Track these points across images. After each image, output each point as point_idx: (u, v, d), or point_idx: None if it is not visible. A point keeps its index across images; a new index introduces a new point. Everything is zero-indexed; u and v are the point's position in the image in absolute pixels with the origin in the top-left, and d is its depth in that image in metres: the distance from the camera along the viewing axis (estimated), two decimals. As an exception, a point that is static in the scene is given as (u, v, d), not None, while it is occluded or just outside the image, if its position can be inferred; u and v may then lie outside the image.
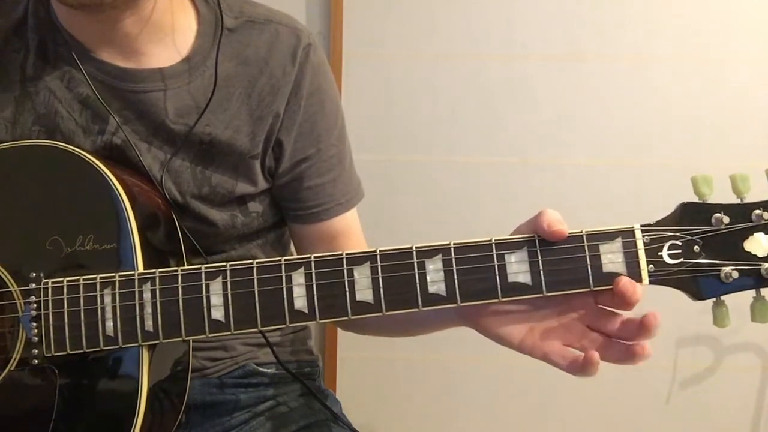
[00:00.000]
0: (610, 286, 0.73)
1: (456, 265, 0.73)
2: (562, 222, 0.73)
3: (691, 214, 0.72)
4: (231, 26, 0.94)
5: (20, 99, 0.90)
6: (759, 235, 0.71)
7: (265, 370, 1.03)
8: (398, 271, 0.74)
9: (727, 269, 0.71)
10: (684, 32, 1.71)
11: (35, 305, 0.78)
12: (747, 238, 0.71)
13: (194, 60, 0.92)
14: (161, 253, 0.85)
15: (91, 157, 0.82)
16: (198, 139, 0.92)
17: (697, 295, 0.72)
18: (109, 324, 0.77)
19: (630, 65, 1.72)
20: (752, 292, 0.72)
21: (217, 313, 0.76)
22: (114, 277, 0.78)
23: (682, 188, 0.74)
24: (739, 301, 0.73)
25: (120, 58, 0.90)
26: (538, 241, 0.73)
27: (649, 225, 0.73)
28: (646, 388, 1.82)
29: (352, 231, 1.04)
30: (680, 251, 0.72)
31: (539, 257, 0.73)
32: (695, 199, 0.73)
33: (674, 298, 0.74)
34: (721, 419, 1.82)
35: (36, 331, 0.78)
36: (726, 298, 0.72)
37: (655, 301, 0.72)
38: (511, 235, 0.75)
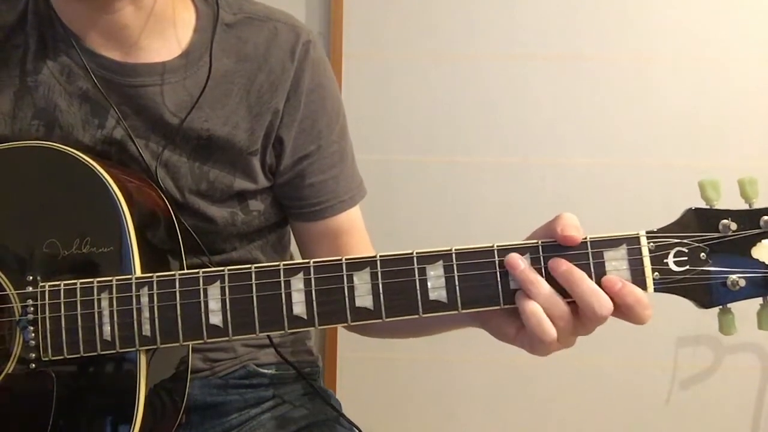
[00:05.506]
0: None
1: (457, 272, 0.72)
2: (578, 228, 0.71)
3: (698, 220, 0.71)
4: (229, 22, 0.94)
5: (20, 94, 0.90)
6: (767, 242, 0.69)
7: (265, 371, 1.03)
8: (398, 277, 0.73)
9: (734, 277, 0.70)
10: (684, 32, 1.71)
11: (32, 309, 0.78)
12: (755, 245, 0.70)
13: (192, 55, 0.92)
14: (160, 253, 0.84)
15: (88, 159, 0.81)
16: (196, 134, 0.92)
17: (704, 303, 0.71)
18: (107, 328, 0.76)
19: (630, 65, 1.72)
20: (759, 299, 0.71)
21: (215, 318, 0.75)
22: (111, 281, 0.77)
23: (681, 188, 0.73)
24: (742, 305, 0.72)
25: (118, 53, 0.90)
26: (542, 248, 0.72)
27: (654, 231, 0.71)
28: (646, 388, 1.82)
29: (356, 229, 1.03)
30: (686, 258, 0.70)
31: (542, 264, 0.71)
32: (697, 202, 0.71)
33: (675, 298, 0.73)
34: (721, 419, 1.82)
35: (33, 335, 0.77)
36: (732, 305, 0.71)
37: (655, 301, 0.71)
38: (527, 238, 0.74)
